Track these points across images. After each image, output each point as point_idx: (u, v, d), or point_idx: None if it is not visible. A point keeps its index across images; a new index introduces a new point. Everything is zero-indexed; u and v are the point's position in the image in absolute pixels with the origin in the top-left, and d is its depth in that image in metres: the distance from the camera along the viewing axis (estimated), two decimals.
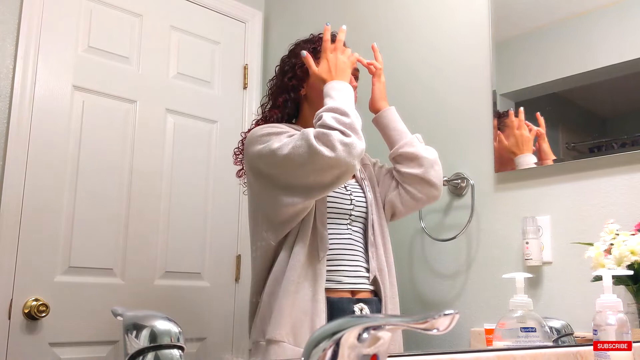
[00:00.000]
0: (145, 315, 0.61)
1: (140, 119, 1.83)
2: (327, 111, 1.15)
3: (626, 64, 1.44)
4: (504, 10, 1.67)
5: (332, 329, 0.57)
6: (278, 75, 1.38)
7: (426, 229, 1.70)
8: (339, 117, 1.13)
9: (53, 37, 1.70)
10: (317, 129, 1.13)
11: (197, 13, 2.05)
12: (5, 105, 1.59)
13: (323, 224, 1.23)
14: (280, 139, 1.18)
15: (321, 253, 1.21)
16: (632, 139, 1.42)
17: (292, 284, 1.17)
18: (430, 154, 1.36)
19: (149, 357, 0.58)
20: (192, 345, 1.68)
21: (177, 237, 1.84)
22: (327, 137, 1.10)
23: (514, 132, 1.59)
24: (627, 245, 1.23)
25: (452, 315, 0.50)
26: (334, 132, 1.10)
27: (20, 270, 1.54)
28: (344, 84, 1.23)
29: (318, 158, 1.09)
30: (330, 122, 1.12)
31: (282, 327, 1.15)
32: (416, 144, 1.36)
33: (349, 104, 1.18)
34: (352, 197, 1.31)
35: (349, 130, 1.12)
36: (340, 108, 1.15)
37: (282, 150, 1.14)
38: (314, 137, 1.11)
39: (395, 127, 1.37)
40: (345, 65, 1.26)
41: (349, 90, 1.22)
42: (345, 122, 1.13)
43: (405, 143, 1.36)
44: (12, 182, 1.56)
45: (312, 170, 1.12)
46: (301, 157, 1.11)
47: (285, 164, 1.14)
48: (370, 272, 1.28)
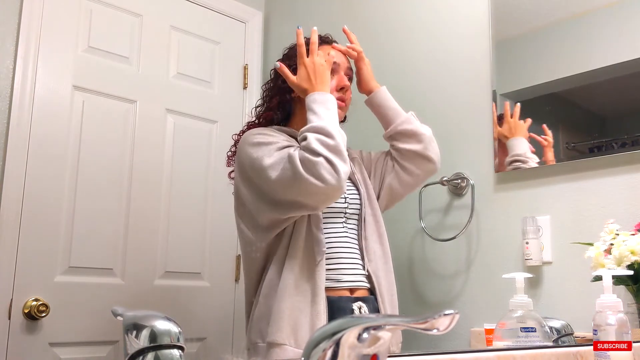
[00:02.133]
0: (145, 315, 0.61)
1: (140, 119, 1.83)
2: (311, 131, 1.14)
3: (626, 64, 1.44)
4: (504, 10, 1.67)
5: (332, 329, 0.57)
6: (272, 78, 1.39)
7: (426, 229, 1.70)
8: (323, 139, 1.12)
9: (53, 37, 1.70)
10: (302, 154, 1.12)
11: (197, 13, 2.05)
12: (5, 105, 1.59)
13: (318, 227, 1.22)
14: (271, 153, 1.18)
15: (318, 257, 1.20)
16: (632, 139, 1.42)
17: (289, 286, 1.17)
18: (427, 130, 1.39)
19: (149, 357, 0.58)
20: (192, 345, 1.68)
21: (177, 237, 1.84)
22: (313, 165, 1.10)
23: (508, 119, 1.60)
24: (627, 245, 1.23)
25: (452, 315, 0.50)
26: (320, 159, 1.10)
27: (20, 270, 1.54)
28: (325, 95, 1.21)
29: (305, 186, 1.10)
30: (316, 147, 1.11)
31: (282, 329, 1.15)
32: (413, 121, 1.39)
33: (333, 121, 1.17)
34: (346, 195, 1.31)
35: (333, 155, 1.12)
36: (325, 128, 1.14)
37: (272, 172, 1.15)
38: (300, 162, 1.11)
39: (391, 106, 1.39)
40: (323, 69, 1.24)
41: (332, 102, 1.21)
42: (330, 145, 1.12)
43: (403, 121, 1.38)
44: (12, 182, 1.56)
45: (299, 194, 1.13)
46: (289, 182, 1.12)
47: (274, 185, 1.15)
48: (365, 267, 1.29)
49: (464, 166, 1.67)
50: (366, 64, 1.41)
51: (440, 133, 1.73)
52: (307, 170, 1.10)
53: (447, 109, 1.74)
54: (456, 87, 1.73)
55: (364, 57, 1.41)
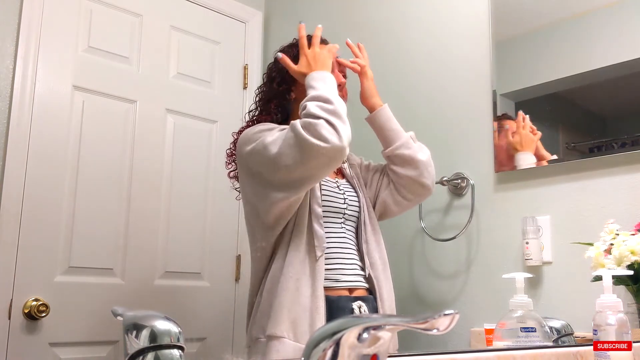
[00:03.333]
0: (145, 315, 0.61)
1: (140, 119, 1.83)
2: (311, 100, 1.16)
3: (626, 64, 1.44)
4: (504, 11, 1.67)
5: (332, 329, 0.57)
6: (266, 82, 1.38)
7: (426, 229, 1.70)
8: (323, 104, 1.14)
9: (53, 37, 1.70)
10: (303, 119, 1.14)
11: (197, 13, 2.05)
12: (5, 105, 1.59)
13: (319, 223, 1.24)
14: (273, 134, 1.19)
15: (318, 252, 1.22)
16: (632, 139, 1.42)
17: (290, 280, 1.18)
18: (424, 155, 1.36)
19: (149, 357, 0.58)
20: (192, 345, 1.68)
21: (177, 237, 1.84)
22: (314, 126, 1.11)
23: (520, 131, 1.59)
24: (627, 245, 1.23)
25: (452, 315, 0.50)
26: (320, 120, 1.12)
27: (20, 270, 1.54)
28: (324, 73, 1.23)
29: (308, 148, 1.11)
30: (315, 111, 1.13)
31: (282, 322, 1.16)
32: (411, 145, 1.36)
33: (332, 91, 1.19)
34: (345, 197, 1.32)
35: (334, 117, 1.13)
36: (323, 95, 1.16)
37: (274, 145, 1.16)
38: (302, 127, 1.12)
39: (391, 127, 1.37)
40: (324, 57, 1.25)
41: (331, 78, 1.22)
42: (330, 109, 1.14)
43: (402, 144, 1.35)
44: (12, 182, 1.56)
45: (303, 160, 1.13)
46: (292, 149, 1.13)
47: (277, 158, 1.15)
48: (365, 270, 1.29)
49: (464, 166, 1.67)
50: (369, 78, 1.40)
51: (440, 133, 1.73)
52: (308, 132, 1.11)
53: (447, 109, 1.74)
54: (456, 87, 1.73)
55: (367, 72, 1.40)
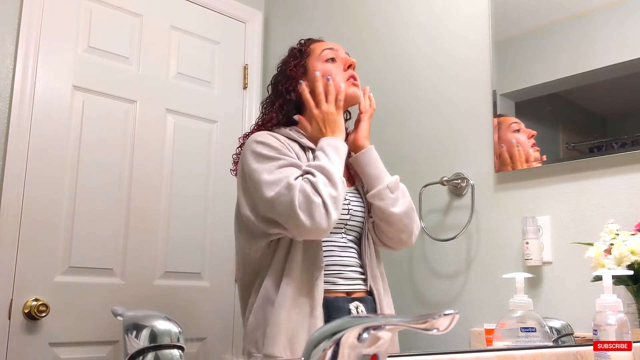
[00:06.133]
0: (145, 315, 0.61)
1: (140, 119, 1.83)
2: (319, 171, 1.16)
3: (626, 64, 1.44)
4: (504, 10, 1.67)
5: (332, 329, 0.57)
6: (271, 91, 1.37)
7: (426, 229, 1.70)
8: (329, 185, 1.15)
9: (53, 37, 1.70)
10: (303, 187, 1.13)
11: (197, 13, 2.05)
12: (5, 105, 1.59)
13: (317, 242, 1.21)
14: (271, 170, 1.18)
15: (316, 273, 1.20)
16: (632, 139, 1.42)
17: (288, 300, 1.16)
18: (400, 206, 1.28)
19: (149, 357, 0.58)
20: (192, 345, 1.68)
21: (177, 237, 1.84)
22: (310, 203, 1.12)
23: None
24: (627, 245, 1.23)
25: (452, 315, 0.50)
26: (319, 200, 1.13)
27: (20, 270, 1.54)
28: (338, 141, 1.24)
29: (295, 218, 1.12)
30: (319, 188, 1.14)
31: (278, 342, 1.14)
32: (385, 196, 1.27)
33: (341, 168, 1.21)
34: (349, 207, 1.29)
35: (332, 202, 1.14)
36: (334, 177, 1.16)
37: (268, 190, 1.16)
38: (299, 193, 1.12)
39: (371, 173, 1.31)
40: (333, 117, 1.26)
41: (343, 149, 1.24)
42: (332, 195, 1.15)
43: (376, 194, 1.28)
44: (12, 182, 1.56)
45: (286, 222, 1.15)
46: (281, 207, 1.14)
47: (267, 203, 1.16)
48: (367, 281, 1.27)
49: (464, 166, 1.67)
50: (369, 122, 1.37)
51: (440, 133, 1.73)
52: (301, 205, 1.12)
53: (447, 109, 1.74)
54: (456, 87, 1.73)
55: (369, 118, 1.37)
